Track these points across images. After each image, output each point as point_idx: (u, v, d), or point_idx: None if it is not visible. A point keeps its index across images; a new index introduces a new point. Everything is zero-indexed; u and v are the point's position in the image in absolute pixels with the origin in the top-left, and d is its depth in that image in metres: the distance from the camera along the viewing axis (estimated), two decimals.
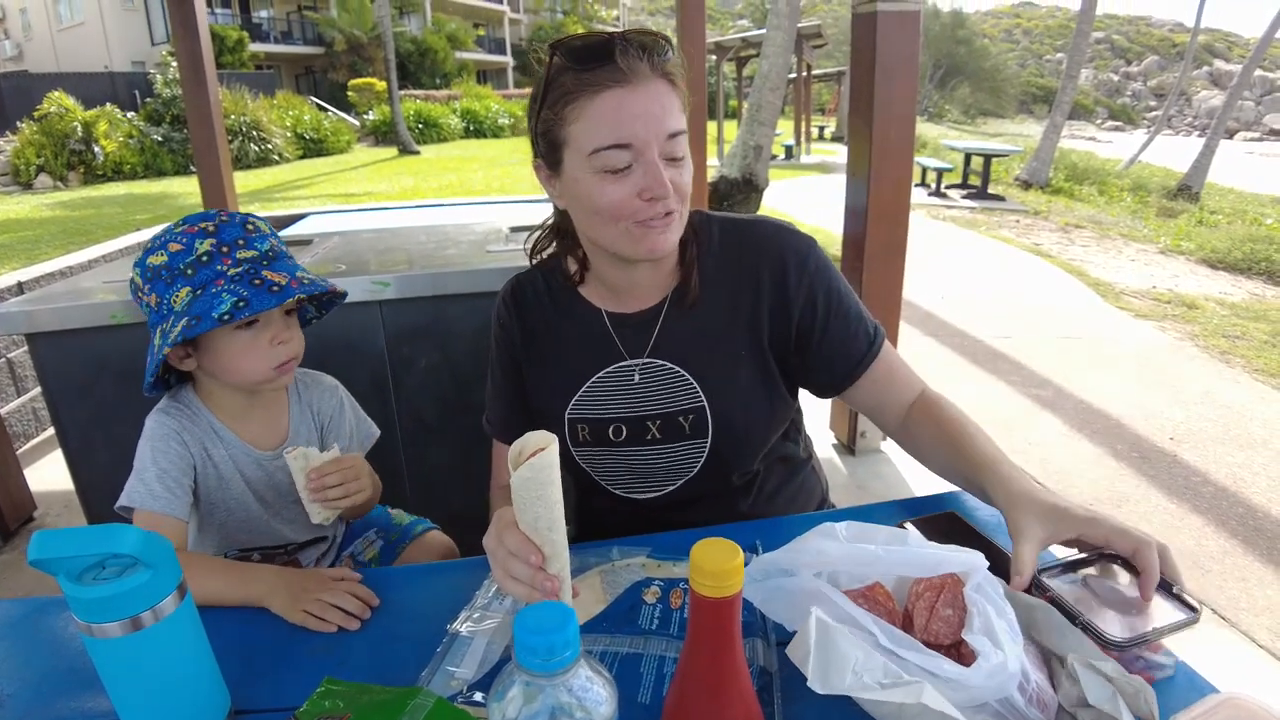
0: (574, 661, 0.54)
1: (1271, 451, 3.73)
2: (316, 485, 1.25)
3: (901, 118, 2.96)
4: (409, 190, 12.90)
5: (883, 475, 3.18)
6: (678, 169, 1.02)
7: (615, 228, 1.03)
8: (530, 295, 1.27)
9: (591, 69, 0.98)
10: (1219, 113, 15.60)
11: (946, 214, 10.20)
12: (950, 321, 5.37)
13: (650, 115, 0.98)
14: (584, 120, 0.99)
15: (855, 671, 0.69)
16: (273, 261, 1.21)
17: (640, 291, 1.19)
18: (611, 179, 1.00)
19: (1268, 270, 8.01)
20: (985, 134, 29.51)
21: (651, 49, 1.00)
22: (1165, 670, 0.85)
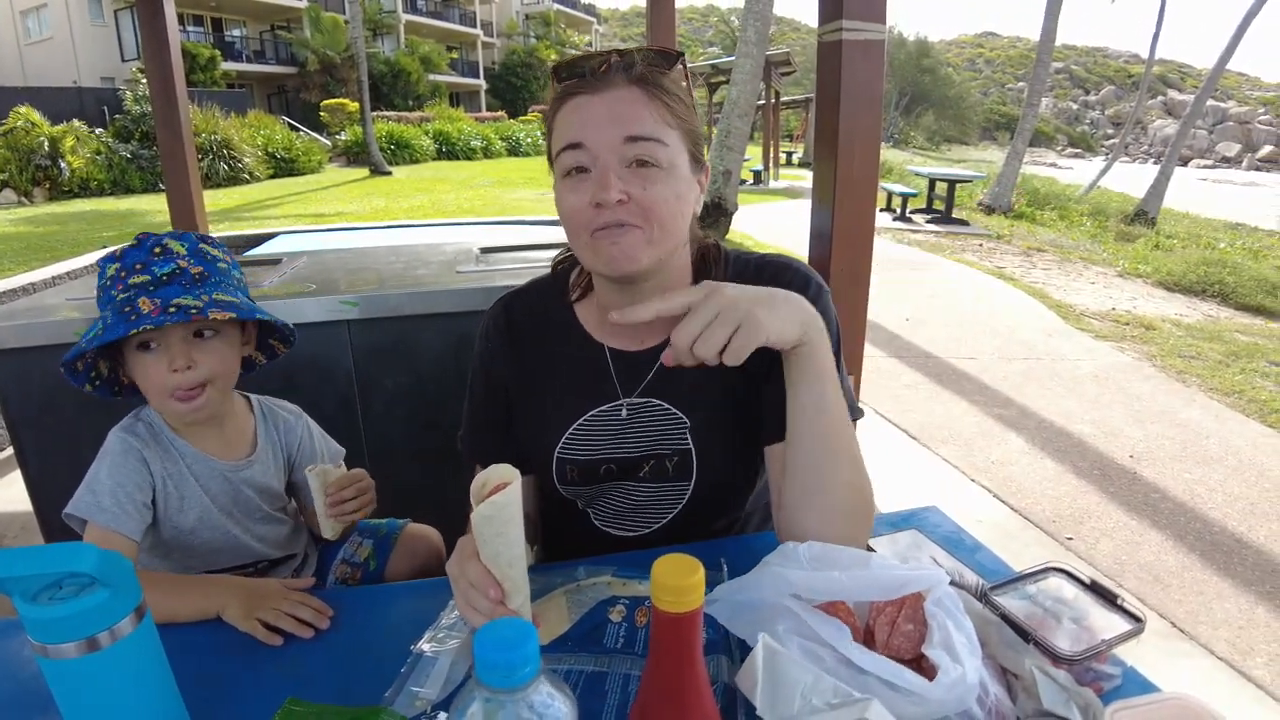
0: (534, 678, 0.54)
1: (1227, 468, 3.82)
2: (335, 499, 1.27)
3: (866, 144, 2.99)
4: (380, 211, 12.85)
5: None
6: (643, 179, 0.97)
7: (579, 240, 1.02)
8: (523, 318, 1.22)
9: (568, 81, 1.01)
10: (1173, 141, 16.06)
11: (912, 238, 10.35)
12: (915, 343, 5.45)
13: (607, 117, 0.96)
14: (555, 128, 1.01)
15: (804, 696, 0.69)
16: (162, 287, 1.15)
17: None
18: (571, 186, 0.99)
19: (1221, 292, 8.22)
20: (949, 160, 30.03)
21: (625, 57, 0.99)
22: (1114, 680, 0.87)
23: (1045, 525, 3.15)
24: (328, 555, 1.52)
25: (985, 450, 3.78)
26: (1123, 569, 2.90)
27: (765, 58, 12.20)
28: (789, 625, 0.79)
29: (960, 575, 1.02)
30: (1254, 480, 3.73)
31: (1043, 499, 3.37)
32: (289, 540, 1.42)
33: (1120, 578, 2.84)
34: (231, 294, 1.21)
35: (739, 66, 8.90)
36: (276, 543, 1.39)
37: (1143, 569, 2.92)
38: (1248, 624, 2.65)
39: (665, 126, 0.98)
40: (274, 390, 1.50)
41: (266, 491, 1.36)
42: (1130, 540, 3.11)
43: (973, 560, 1.11)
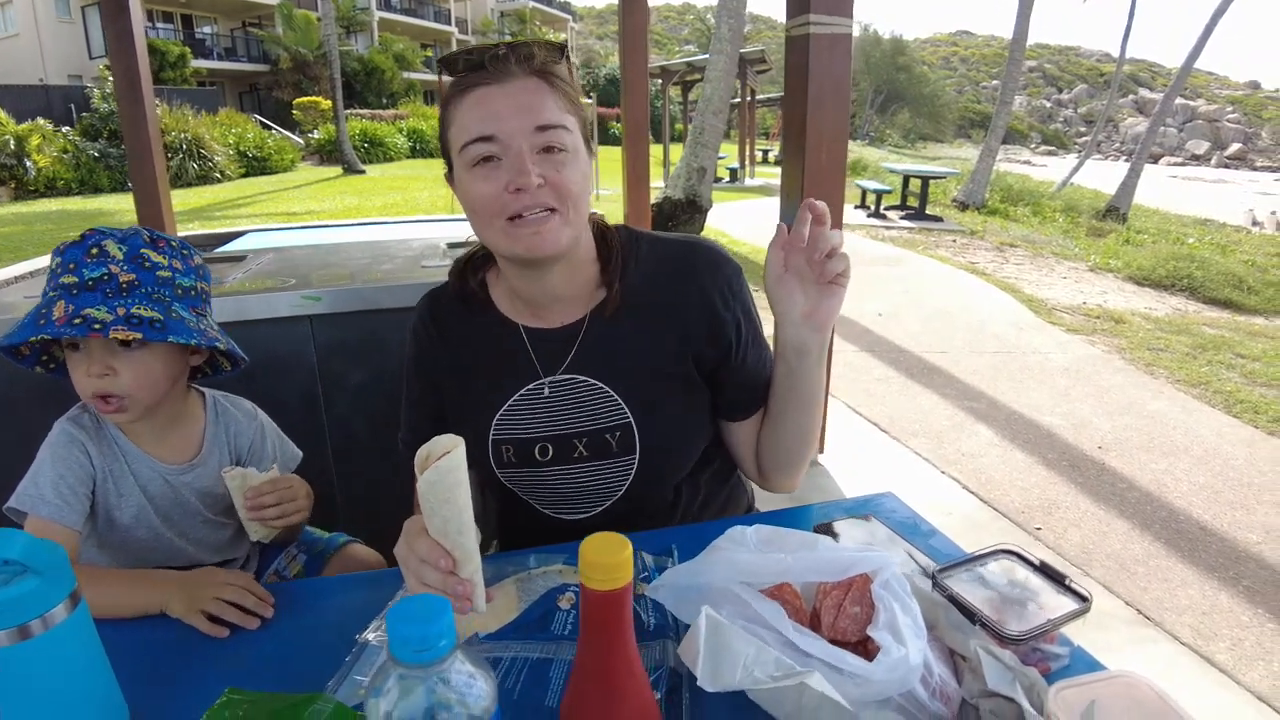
0: (449, 653, 0.53)
1: (1193, 458, 3.88)
2: (254, 505, 1.24)
3: (834, 138, 3.01)
4: (352, 209, 12.76)
5: (822, 488, 3.21)
6: (554, 164, 1.01)
7: (492, 227, 1.04)
8: (448, 310, 1.25)
9: (465, 74, 1.03)
10: (1143, 138, 16.28)
11: (886, 234, 10.42)
12: (887, 338, 5.48)
13: (516, 107, 0.99)
14: (457, 121, 1.03)
15: (746, 667, 0.69)
16: (83, 293, 1.13)
17: (561, 306, 1.18)
18: (482, 174, 1.01)
19: (1189, 286, 8.34)
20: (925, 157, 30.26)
21: (521, 50, 1.02)
22: (1062, 660, 0.87)
23: (1014, 516, 3.17)
24: (265, 563, 1.50)
25: (955, 442, 3.81)
26: (1090, 558, 2.93)
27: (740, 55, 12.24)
28: (733, 609, 0.79)
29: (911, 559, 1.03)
30: (1218, 469, 3.78)
31: (1012, 490, 3.40)
32: (231, 544, 1.39)
33: (1088, 566, 2.87)
34: (157, 308, 1.15)
35: (712, 64, 8.92)
36: (216, 547, 1.36)
37: (1109, 558, 2.95)
38: (1211, 610, 2.69)
39: (565, 114, 1.03)
40: (236, 386, 1.48)
41: (209, 495, 1.33)
42: (1098, 530, 3.14)
43: (927, 545, 1.12)
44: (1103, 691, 0.77)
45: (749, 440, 1.25)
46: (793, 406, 1.15)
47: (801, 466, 1.25)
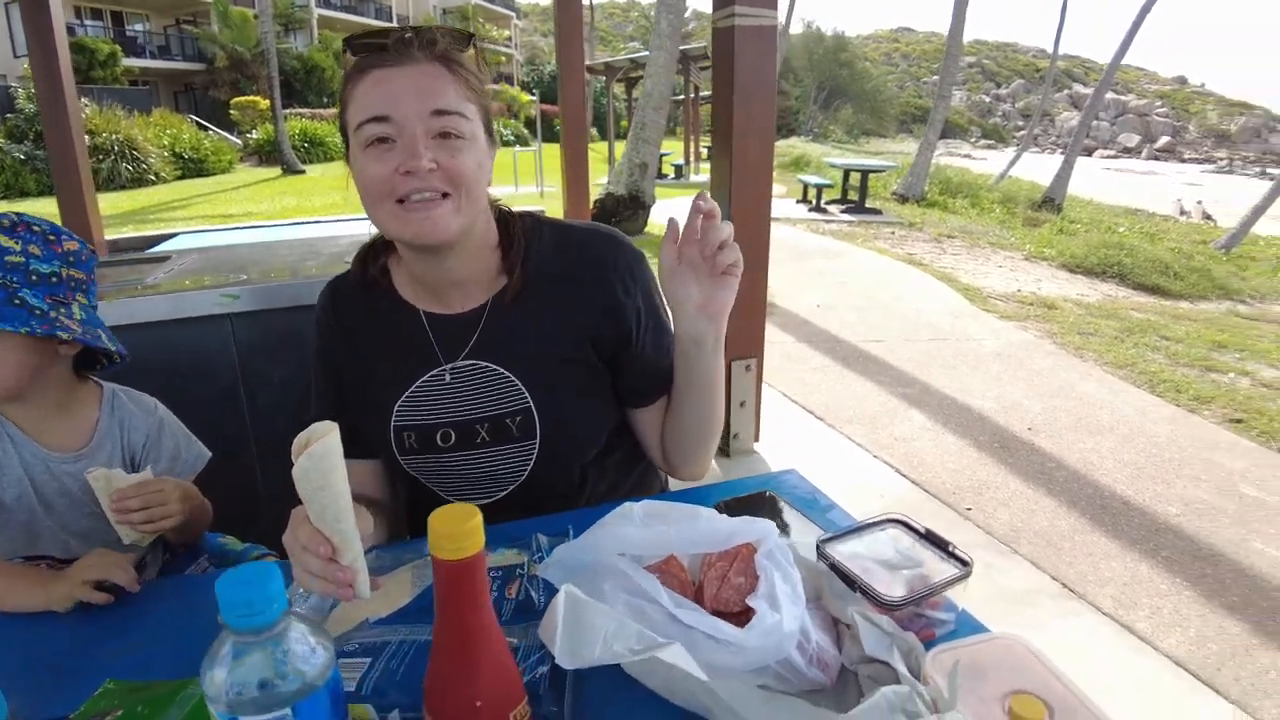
0: (279, 619, 0.53)
1: (1118, 437, 4.00)
2: (119, 508, 1.20)
3: (761, 129, 3.05)
4: (291, 209, 12.53)
5: (757, 474, 3.24)
6: (449, 149, 1.01)
7: (382, 209, 1.03)
8: (349, 299, 1.25)
9: (366, 55, 1.03)
10: (1076, 132, 16.73)
11: (826, 228, 10.55)
12: (825, 328, 5.56)
13: (414, 90, 1.00)
14: (355, 100, 1.02)
15: (605, 642, 0.70)
16: None
17: (461, 292, 1.18)
18: (374, 156, 1.01)
19: (1119, 273, 8.61)
20: (868, 152, 30.70)
21: (425, 34, 1.03)
22: (947, 625, 0.90)
23: (945, 497, 3.24)
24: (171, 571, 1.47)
25: (889, 428, 3.88)
26: (1018, 535, 3.01)
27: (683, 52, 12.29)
28: (616, 583, 0.80)
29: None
30: (1142, 446, 3.91)
31: (943, 472, 3.47)
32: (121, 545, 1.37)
33: (1016, 544, 2.94)
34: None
35: (653, 60, 8.95)
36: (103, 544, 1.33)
37: (1037, 535, 3.03)
38: (1132, 580, 2.78)
39: (466, 101, 1.04)
40: (156, 386, 1.45)
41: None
42: (1026, 508, 3.23)
43: (824, 519, 1.14)
44: (981, 653, 0.80)
45: (654, 427, 1.27)
46: (692, 395, 1.17)
47: (705, 454, 1.27)
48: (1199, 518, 3.26)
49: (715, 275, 1.02)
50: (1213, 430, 4.23)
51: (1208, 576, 2.85)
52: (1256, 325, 7.05)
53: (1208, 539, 3.11)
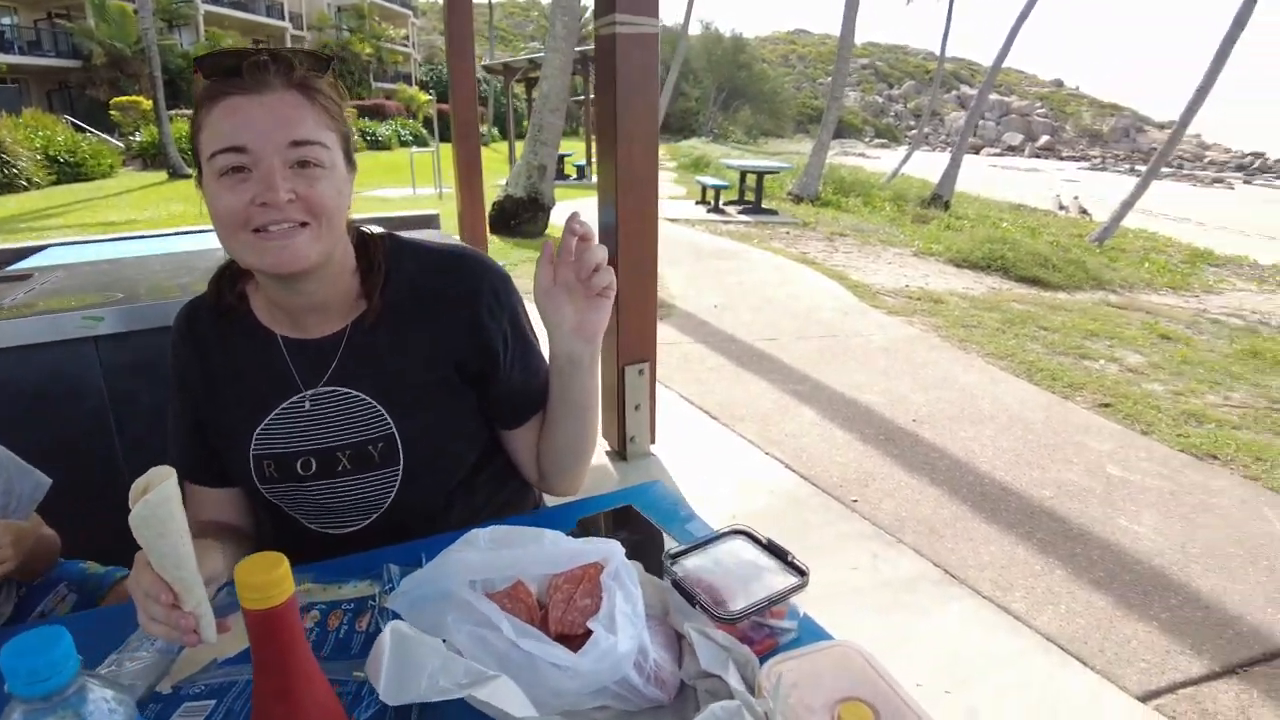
0: (70, 681, 0.51)
1: (998, 425, 4.20)
2: None
3: (645, 135, 3.08)
4: (177, 217, 11.96)
5: (653, 478, 3.27)
6: (307, 179, 1.00)
7: (237, 239, 1.01)
8: (206, 323, 1.20)
9: (220, 80, 0.99)
10: (961, 131, 17.46)
11: (724, 228, 10.72)
12: (721, 328, 5.64)
13: (271, 120, 0.97)
14: (208, 128, 0.99)
15: (431, 677, 0.70)
16: None
17: (320, 318, 1.16)
18: (229, 186, 0.98)
19: (1002, 267, 9.02)
20: (766, 153, 31.35)
21: (282, 61, 1.00)
22: (790, 633, 0.92)
23: (833, 490, 3.34)
24: (29, 604, 1.39)
25: (780, 424, 3.97)
26: (903, 525, 3.11)
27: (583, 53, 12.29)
28: (460, 614, 0.79)
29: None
30: (1020, 433, 4.11)
31: (832, 466, 3.57)
32: None
33: (900, 533, 3.05)
34: None
35: (548, 61, 8.93)
36: None
37: (920, 523, 3.15)
38: (1009, 563, 2.92)
39: (323, 129, 1.02)
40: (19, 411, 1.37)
41: None
42: (910, 498, 3.35)
43: (684, 531, 1.16)
44: (816, 661, 0.83)
45: (528, 446, 1.27)
46: (567, 413, 1.18)
47: (581, 469, 1.28)
48: (1070, 499, 3.45)
49: (590, 297, 1.04)
50: (1084, 415, 4.48)
51: (1078, 555, 3.01)
52: (1125, 314, 7.50)
53: (1078, 519, 3.29)
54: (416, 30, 52.91)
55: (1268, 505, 3.54)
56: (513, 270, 6.83)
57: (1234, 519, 3.39)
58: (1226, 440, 4.21)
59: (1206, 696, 2.32)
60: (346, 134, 1.07)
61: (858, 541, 2.96)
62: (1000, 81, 79.26)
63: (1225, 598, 2.81)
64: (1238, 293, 10.38)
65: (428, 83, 43.72)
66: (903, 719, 0.76)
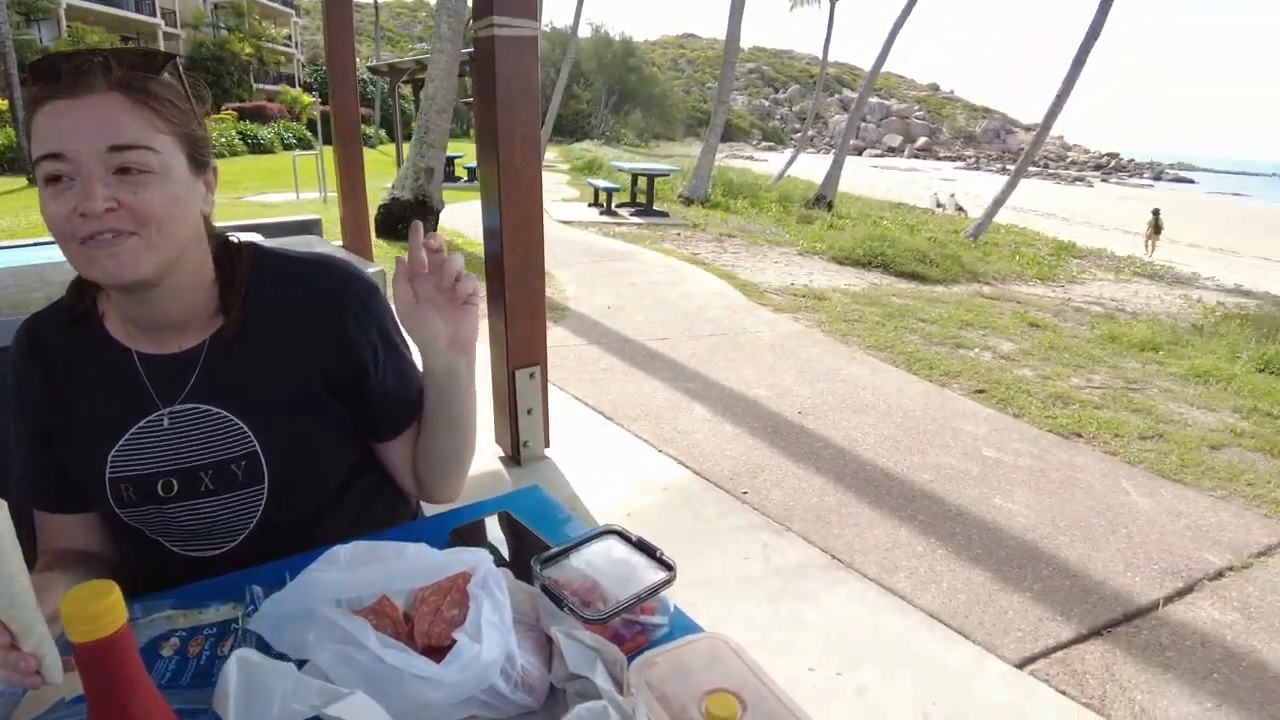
0: None
1: (878, 414, 4.36)
2: None
3: (526, 138, 3.06)
4: (37, 225, 11.20)
5: (548, 481, 3.26)
6: (132, 186, 0.94)
7: (68, 250, 0.95)
8: (51, 339, 1.12)
9: (44, 83, 0.94)
10: (842, 134, 18.08)
11: (616, 230, 10.79)
12: (615, 329, 5.67)
13: (88, 124, 0.92)
14: (34, 133, 0.94)
15: (283, 703, 0.68)
16: None
17: (177, 332, 1.10)
18: (53, 194, 0.93)
19: (883, 263, 9.40)
20: (658, 155, 31.69)
21: (105, 61, 0.95)
22: (661, 629, 0.93)
23: (724, 483, 3.40)
24: None
25: (673, 421, 4.02)
26: (790, 513, 3.20)
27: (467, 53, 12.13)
28: (323, 632, 0.77)
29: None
30: (899, 420, 4.29)
31: (722, 460, 3.64)
32: None
33: (789, 522, 3.13)
34: None
35: (434, 63, 8.80)
36: None
37: (808, 511, 3.24)
38: (893, 545, 3.04)
39: (153, 132, 0.96)
40: None
41: None
42: (797, 487, 3.44)
43: (561, 534, 1.15)
44: (686, 654, 0.85)
45: (404, 456, 1.24)
46: (447, 424, 1.16)
47: (461, 477, 1.26)
48: (948, 481, 3.62)
49: (457, 306, 1.02)
50: (960, 401, 4.71)
51: (956, 534, 3.16)
52: (997, 304, 7.93)
53: (956, 500, 3.45)
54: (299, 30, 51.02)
55: (1125, 478, 3.81)
56: None
57: (1097, 492, 3.63)
58: (1089, 419, 4.51)
59: (1075, 658, 2.47)
60: (193, 135, 1.02)
61: (749, 532, 3.03)
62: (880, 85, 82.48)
63: (1090, 565, 3.01)
64: (1098, 282, 11.13)
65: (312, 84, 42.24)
66: (767, 706, 0.78)
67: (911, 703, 2.19)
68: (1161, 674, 2.43)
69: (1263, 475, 3.96)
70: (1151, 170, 77.43)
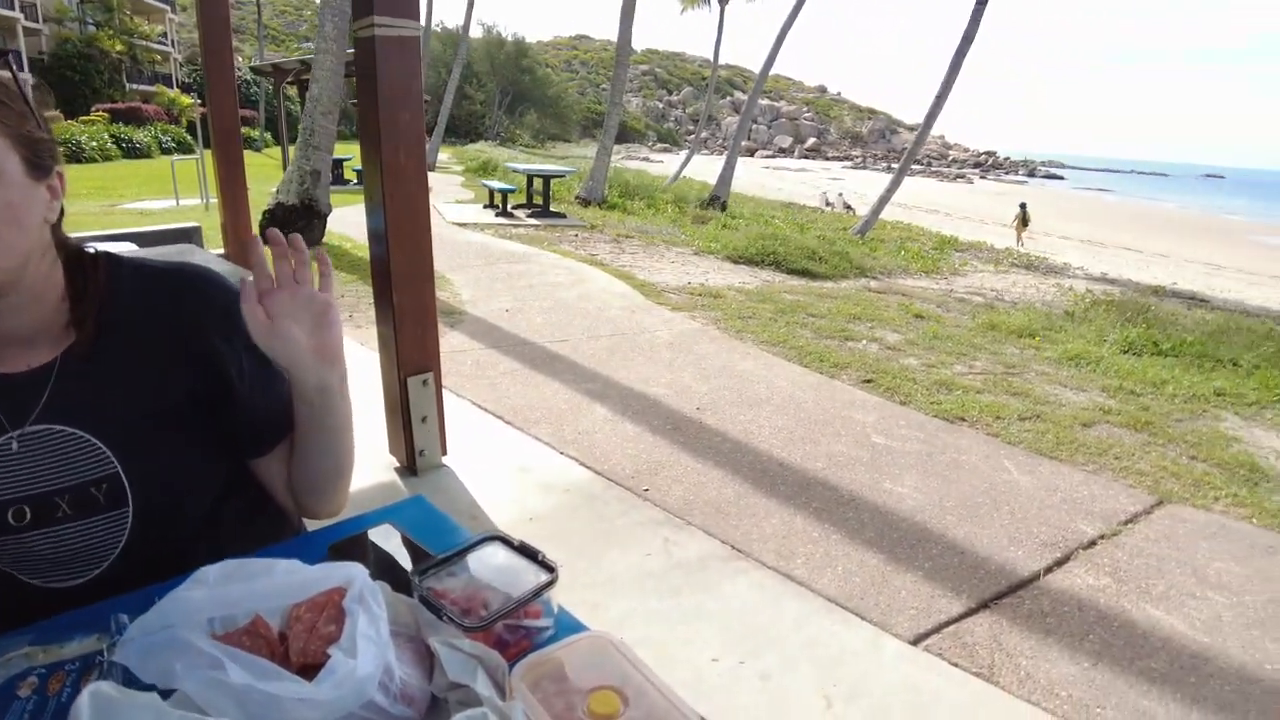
0: None
1: (773, 407, 4.48)
2: None
3: (411, 139, 3.01)
4: None
5: (447, 489, 3.21)
6: None
7: None
8: None
9: None
10: (733, 136, 18.45)
11: (513, 232, 10.70)
12: (514, 332, 5.63)
13: None
14: None
15: None
16: None
17: (23, 349, 1.03)
18: None
19: (775, 261, 9.63)
20: (555, 157, 31.61)
21: None
22: (546, 631, 0.93)
23: (625, 482, 3.43)
24: None
25: (574, 423, 4.02)
26: (691, 508, 3.25)
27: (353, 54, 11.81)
28: (189, 660, 0.75)
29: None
30: (793, 412, 4.41)
31: (624, 459, 3.66)
32: None
33: (689, 516, 3.18)
34: None
35: (318, 63, 8.54)
36: None
37: (707, 504, 3.30)
38: (789, 533, 3.12)
39: None
40: None
41: None
42: (697, 482, 3.50)
43: (445, 543, 1.13)
44: (570, 654, 0.86)
45: (278, 473, 1.20)
46: (324, 440, 1.13)
47: (342, 491, 1.22)
48: (840, 468, 3.74)
49: (316, 318, 0.99)
50: (849, 391, 4.87)
51: (850, 519, 3.27)
52: (884, 297, 8.23)
53: (848, 486, 3.58)
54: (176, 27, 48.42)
55: (1006, 457, 4.02)
56: None
57: (980, 472, 3.82)
58: (972, 404, 4.74)
59: (965, 631, 2.60)
60: (29, 137, 0.96)
61: (650, 528, 3.06)
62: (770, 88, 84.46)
63: (976, 542, 3.16)
64: (979, 274, 11.69)
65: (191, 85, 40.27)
66: (649, 700, 0.80)
67: (813, 687, 2.26)
68: (1043, 639, 2.59)
69: (1128, 449, 4.25)
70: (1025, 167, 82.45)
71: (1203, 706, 2.32)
